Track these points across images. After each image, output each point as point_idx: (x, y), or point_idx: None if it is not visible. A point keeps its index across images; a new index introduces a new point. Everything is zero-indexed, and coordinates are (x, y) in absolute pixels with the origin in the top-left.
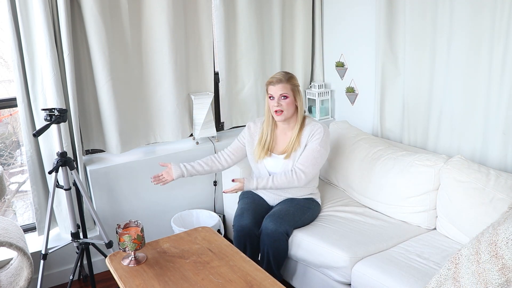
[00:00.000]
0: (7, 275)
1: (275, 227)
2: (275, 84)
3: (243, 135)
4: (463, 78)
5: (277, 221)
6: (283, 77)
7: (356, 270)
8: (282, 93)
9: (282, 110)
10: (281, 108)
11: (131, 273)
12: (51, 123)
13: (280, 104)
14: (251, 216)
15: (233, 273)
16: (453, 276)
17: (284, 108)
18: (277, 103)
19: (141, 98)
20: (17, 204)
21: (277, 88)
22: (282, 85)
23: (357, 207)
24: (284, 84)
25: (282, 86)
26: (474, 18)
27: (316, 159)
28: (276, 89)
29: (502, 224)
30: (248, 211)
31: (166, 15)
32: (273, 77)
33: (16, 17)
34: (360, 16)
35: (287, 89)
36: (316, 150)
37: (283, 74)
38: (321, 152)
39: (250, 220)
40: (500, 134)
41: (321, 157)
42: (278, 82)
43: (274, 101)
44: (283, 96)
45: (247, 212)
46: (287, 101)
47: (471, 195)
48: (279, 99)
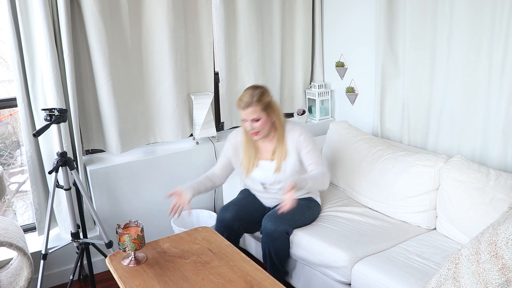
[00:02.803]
0: (7, 275)
1: (274, 226)
2: (244, 109)
3: (227, 149)
4: (463, 78)
5: (276, 221)
6: (250, 99)
7: (356, 270)
8: (254, 118)
9: (257, 131)
10: (256, 130)
11: (131, 273)
12: (51, 123)
13: (254, 126)
14: (235, 211)
15: (233, 273)
16: (453, 276)
17: (259, 129)
18: (251, 126)
19: (141, 98)
20: (17, 204)
21: (247, 113)
22: (252, 108)
23: (357, 207)
24: (254, 107)
25: (251, 110)
26: (474, 18)
27: (320, 155)
28: (246, 113)
29: (502, 224)
30: (234, 206)
31: (166, 15)
32: (241, 99)
33: (16, 17)
34: (360, 16)
35: (257, 112)
36: (314, 149)
37: (250, 94)
38: (316, 149)
39: (232, 215)
40: (500, 134)
41: (319, 152)
42: (247, 106)
43: (247, 124)
44: (255, 120)
45: (233, 206)
46: (260, 123)
47: (471, 195)
48: (251, 122)
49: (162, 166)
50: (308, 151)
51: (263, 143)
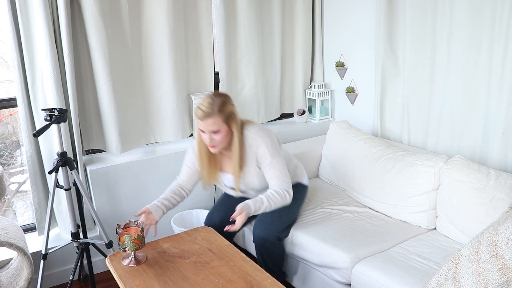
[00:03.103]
0: (7, 275)
1: (265, 235)
2: (203, 120)
3: (191, 160)
4: (463, 78)
5: (267, 228)
6: (211, 109)
7: (356, 271)
8: (213, 130)
9: (216, 144)
10: (214, 143)
11: (131, 273)
12: (51, 123)
13: (213, 139)
14: (221, 215)
15: (233, 273)
16: (453, 276)
17: (217, 142)
18: (209, 139)
19: (141, 98)
20: (17, 204)
21: (207, 124)
22: (212, 120)
23: (357, 207)
24: (214, 118)
25: (211, 121)
26: (474, 18)
27: (282, 169)
28: (205, 125)
29: (502, 224)
30: (219, 210)
31: (166, 15)
32: (199, 108)
33: (16, 17)
34: (360, 16)
35: (218, 123)
36: (275, 163)
37: (210, 103)
38: (278, 160)
39: (219, 219)
40: (500, 134)
41: (282, 163)
42: (206, 116)
43: (205, 136)
44: (215, 132)
45: (218, 210)
46: (220, 135)
47: (471, 195)
48: (210, 134)
49: (162, 166)
50: (267, 165)
51: (223, 155)
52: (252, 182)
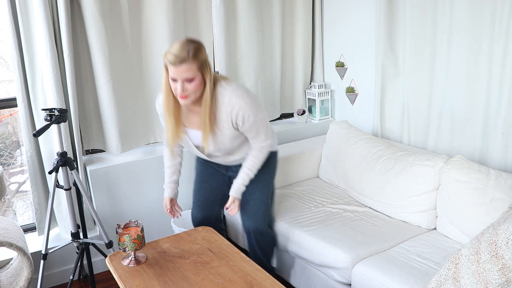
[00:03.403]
0: (7, 275)
1: (255, 225)
2: (177, 65)
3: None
4: (463, 78)
5: (255, 218)
6: (186, 54)
7: (357, 271)
8: (187, 77)
9: (188, 94)
10: (187, 93)
11: (131, 273)
12: (51, 123)
13: (186, 88)
14: (200, 208)
15: (233, 273)
16: (453, 276)
17: (190, 92)
18: (182, 88)
19: (141, 98)
20: (17, 204)
21: (181, 70)
22: (187, 65)
23: (357, 207)
24: (190, 64)
25: (186, 67)
26: (474, 18)
27: (265, 127)
28: (179, 71)
29: (502, 224)
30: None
31: (166, 15)
32: (174, 54)
33: (16, 17)
34: (360, 16)
35: (193, 70)
36: (257, 123)
37: (186, 49)
38: (261, 118)
39: (203, 213)
40: (500, 134)
41: (265, 121)
42: (182, 62)
43: (177, 84)
44: (189, 80)
45: (198, 203)
46: (194, 84)
47: (471, 195)
48: (183, 82)
49: (162, 166)
50: (251, 124)
51: (190, 110)
52: (223, 143)
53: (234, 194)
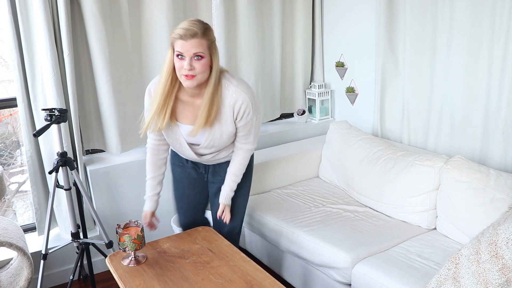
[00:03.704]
0: (7, 275)
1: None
2: (187, 39)
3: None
4: (463, 78)
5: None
6: (199, 30)
7: (357, 271)
8: (197, 52)
9: (195, 74)
10: (194, 72)
11: (131, 273)
12: (51, 123)
13: (193, 67)
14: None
15: (233, 273)
16: (453, 276)
17: (198, 72)
18: (189, 65)
19: (141, 98)
20: (17, 204)
21: (191, 45)
22: (198, 40)
23: (357, 207)
24: (200, 39)
25: (197, 42)
26: (474, 18)
27: (257, 129)
28: (189, 45)
29: (502, 224)
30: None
31: (166, 15)
32: (184, 28)
33: (16, 17)
34: (360, 16)
35: (203, 46)
36: (253, 122)
37: (197, 24)
38: (258, 120)
39: (190, 219)
40: (500, 134)
41: (259, 123)
42: (193, 36)
43: (184, 62)
44: (198, 55)
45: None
46: (202, 62)
47: (471, 195)
48: (191, 59)
49: None
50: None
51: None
52: (220, 139)
53: (225, 201)
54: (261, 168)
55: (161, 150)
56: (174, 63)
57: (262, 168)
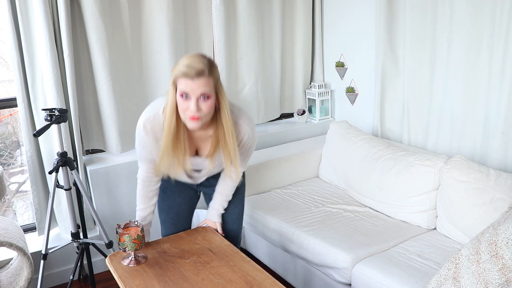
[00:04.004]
0: (7, 275)
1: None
2: (193, 78)
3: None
4: (463, 78)
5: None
6: (205, 67)
7: (357, 271)
8: (204, 92)
9: (201, 116)
10: (200, 114)
11: (131, 273)
12: (51, 123)
13: (200, 108)
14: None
15: (233, 273)
16: (453, 276)
17: (204, 113)
18: (196, 106)
19: (141, 98)
20: (17, 204)
21: (197, 84)
22: (204, 79)
23: (357, 207)
24: (207, 78)
25: (204, 81)
26: (474, 18)
27: (250, 155)
28: (195, 85)
29: (502, 224)
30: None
31: (166, 15)
32: (189, 65)
33: (16, 17)
34: (360, 16)
35: (210, 85)
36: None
37: (203, 61)
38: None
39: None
40: (500, 134)
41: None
42: (199, 74)
43: (190, 103)
44: (205, 95)
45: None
46: (209, 104)
47: (471, 195)
48: (198, 100)
49: None
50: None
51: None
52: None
53: (217, 219)
54: (261, 168)
55: (153, 182)
56: (178, 103)
57: (262, 168)
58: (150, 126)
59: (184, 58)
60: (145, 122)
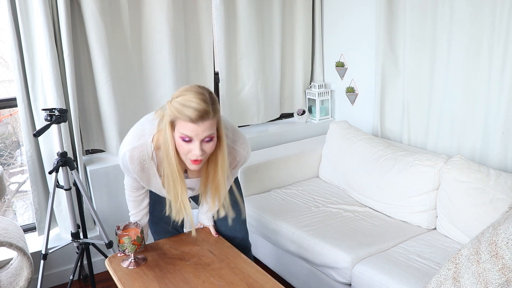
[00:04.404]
0: (7, 275)
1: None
2: (198, 122)
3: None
4: (463, 78)
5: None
6: (209, 107)
7: (357, 271)
8: (209, 135)
9: (203, 158)
10: (203, 157)
11: (130, 275)
12: (51, 123)
13: (203, 150)
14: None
15: (234, 275)
16: (453, 276)
17: (206, 155)
18: (200, 150)
19: (141, 98)
20: (17, 204)
21: (203, 129)
22: (209, 122)
23: (357, 207)
24: (212, 119)
25: (209, 124)
26: (474, 18)
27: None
28: (200, 129)
29: (502, 224)
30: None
31: (166, 15)
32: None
33: (16, 17)
34: (360, 16)
35: (214, 126)
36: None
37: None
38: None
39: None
40: (500, 134)
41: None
42: (204, 118)
43: (192, 146)
44: (209, 137)
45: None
46: (212, 145)
47: (471, 195)
48: (202, 143)
49: None
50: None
51: None
52: None
53: (208, 222)
54: (261, 168)
55: (140, 188)
56: (177, 145)
57: (262, 168)
58: (137, 155)
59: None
60: (132, 151)
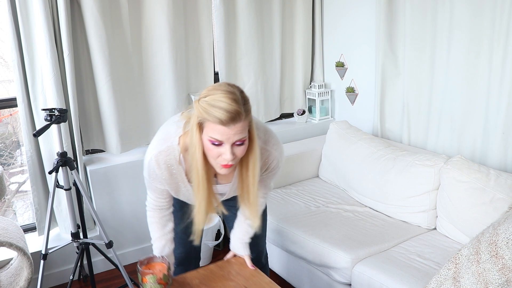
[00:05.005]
0: (7, 275)
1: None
2: (229, 125)
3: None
4: (463, 78)
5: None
6: (241, 108)
7: (357, 271)
8: (241, 138)
9: (234, 163)
10: (234, 161)
11: None
12: (51, 123)
13: (234, 154)
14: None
15: None
16: (453, 276)
17: (238, 159)
18: (231, 154)
19: (141, 98)
20: (17, 204)
21: (234, 132)
22: (241, 124)
23: (357, 207)
24: (244, 121)
25: (241, 126)
26: (474, 18)
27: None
28: (231, 132)
29: (502, 224)
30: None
31: (166, 15)
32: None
33: (16, 17)
34: (360, 16)
35: (246, 129)
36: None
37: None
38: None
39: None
40: (500, 134)
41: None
42: (236, 120)
43: (223, 150)
44: (241, 141)
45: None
46: (243, 148)
47: (471, 195)
48: (233, 147)
49: None
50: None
51: None
52: None
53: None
54: None
55: (165, 208)
56: (205, 148)
57: None
58: (164, 159)
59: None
60: (158, 155)
